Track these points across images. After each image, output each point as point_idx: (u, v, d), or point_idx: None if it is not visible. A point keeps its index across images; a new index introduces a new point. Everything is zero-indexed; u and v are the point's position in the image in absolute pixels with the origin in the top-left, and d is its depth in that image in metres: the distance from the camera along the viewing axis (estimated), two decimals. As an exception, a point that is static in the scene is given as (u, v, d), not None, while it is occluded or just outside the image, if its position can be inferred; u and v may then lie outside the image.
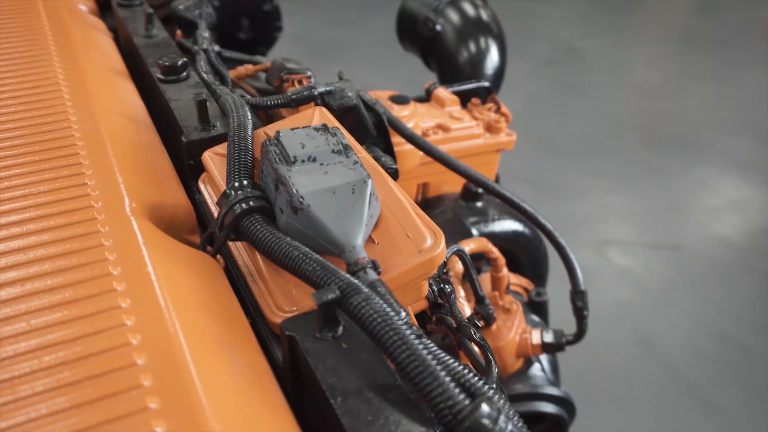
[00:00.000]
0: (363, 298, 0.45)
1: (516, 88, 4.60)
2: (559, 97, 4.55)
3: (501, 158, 2.10)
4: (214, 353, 0.42)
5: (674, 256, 3.38)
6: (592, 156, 4.01)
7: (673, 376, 2.74)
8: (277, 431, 0.40)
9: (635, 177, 3.87)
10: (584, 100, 4.51)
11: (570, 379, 2.70)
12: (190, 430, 0.36)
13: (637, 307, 3.07)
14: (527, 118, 4.27)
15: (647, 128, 4.26)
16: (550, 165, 3.92)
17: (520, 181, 3.80)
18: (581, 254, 3.38)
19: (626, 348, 2.87)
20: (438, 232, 0.56)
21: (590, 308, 3.22)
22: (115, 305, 0.43)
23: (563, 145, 4.09)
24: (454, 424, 0.40)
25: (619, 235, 3.52)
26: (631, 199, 3.72)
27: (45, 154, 0.56)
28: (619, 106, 4.48)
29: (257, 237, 0.51)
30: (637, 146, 4.10)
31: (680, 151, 4.06)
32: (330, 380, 0.43)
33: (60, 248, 0.47)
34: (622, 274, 3.27)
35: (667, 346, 2.88)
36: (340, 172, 0.53)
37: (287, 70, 0.92)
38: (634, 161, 3.97)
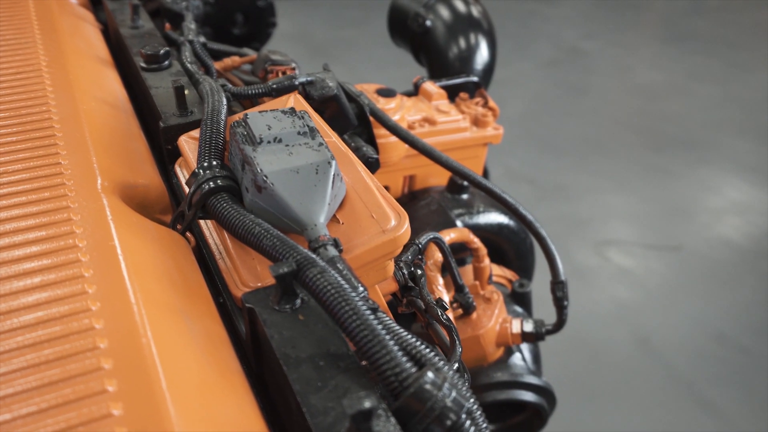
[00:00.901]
0: (318, 270, 0.46)
1: (518, 88, 4.61)
2: (561, 98, 4.55)
3: (501, 157, 2.11)
4: (170, 320, 0.44)
5: (675, 257, 3.38)
6: (594, 156, 4.01)
7: (671, 377, 2.74)
8: (228, 395, 0.42)
9: (637, 178, 3.87)
10: (587, 100, 4.51)
11: (568, 379, 2.71)
12: (142, 390, 0.37)
13: (637, 308, 3.08)
14: (529, 118, 4.28)
15: (650, 129, 4.26)
16: (552, 165, 3.93)
17: (521, 180, 3.81)
18: (581, 254, 3.38)
19: (625, 348, 2.87)
20: (402, 213, 0.57)
21: (589, 308, 3.21)
22: (79, 275, 0.44)
23: (565, 145, 4.09)
24: (400, 391, 0.42)
25: (620, 235, 3.52)
26: (632, 200, 3.72)
27: (23, 135, 0.58)
28: (622, 106, 4.48)
29: (223, 215, 0.53)
30: (640, 147, 4.10)
31: (683, 152, 4.06)
32: (284, 349, 0.45)
33: (30, 222, 0.49)
34: (621, 274, 3.28)
35: (666, 347, 2.88)
36: (305, 153, 0.54)
37: (271, 62, 0.94)
38: (636, 162, 3.97)
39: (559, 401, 2.74)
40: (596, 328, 2.95)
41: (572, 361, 2.77)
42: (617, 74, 4.82)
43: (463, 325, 0.98)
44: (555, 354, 2.74)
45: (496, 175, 3.77)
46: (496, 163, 3.84)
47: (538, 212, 4.02)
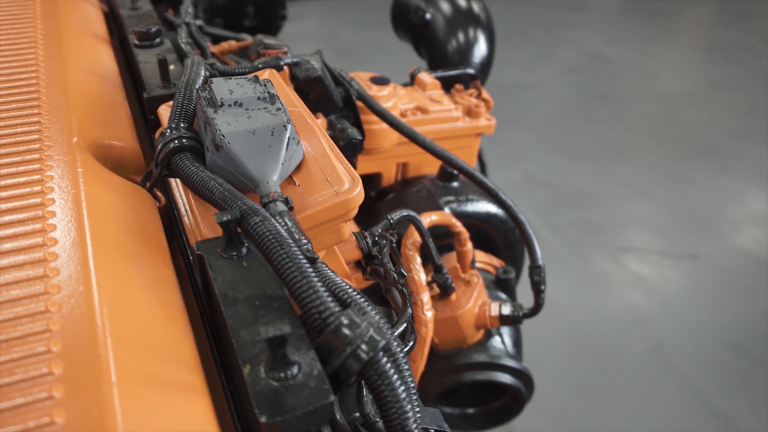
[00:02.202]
0: (260, 219, 0.50)
1: (541, 93, 4.61)
2: (583, 104, 4.54)
3: (521, 162, 2.11)
4: (120, 260, 0.47)
5: (691, 266, 3.35)
6: (614, 163, 4.00)
7: (683, 385, 2.71)
8: (166, 327, 0.45)
9: (657, 185, 3.84)
10: (609, 107, 4.49)
11: (579, 384, 2.71)
12: (81, 312, 0.41)
13: (650, 315, 3.06)
14: (550, 124, 4.27)
15: (672, 137, 4.23)
16: (571, 171, 3.92)
17: (540, 185, 3.81)
18: (597, 260, 3.37)
19: (637, 355, 2.85)
20: (356, 177, 0.61)
21: (603, 314, 3.20)
22: (42, 216, 0.48)
23: (585, 151, 4.08)
24: (323, 328, 0.45)
25: (637, 242, 3.50)
26: (651, 207, 3.69)
27: (10, 96, 0.63)
28: (645, 114, 4.45)
29: (184, 172, 0.57)
30: (661, 155, 4.06)
31: (705, 161, 4.02)
32: (224, 290, 0.48)
33: (6, 170, 0.53)
34: (637, 281, 3.26)
35: (678, 355, 2.86)
36: (262, 116, 0.58)
37: (264, 45, 0.98)
38: (656, 170, 3.94)
39: (570, 406, 2.75)
40: (609, 334, 2.94)
41: (584, 367, 2.76)
42: (641, 82, 4.78)
43: (443, 306, 1.01)
44: (566, 359, 2.75)
45: (514, 180, 3.78)
46: (514, 168, 3.85)
47: (556, 217, 4.02)
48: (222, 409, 0.50)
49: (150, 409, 0.38)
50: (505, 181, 3.80)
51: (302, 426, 0.41)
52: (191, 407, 0.40)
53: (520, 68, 4.94)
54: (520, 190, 3.78)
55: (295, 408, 0.40)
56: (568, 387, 2.67)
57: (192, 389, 0.42)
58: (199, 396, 0.42)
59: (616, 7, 6.28)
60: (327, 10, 5.63)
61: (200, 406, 0.41)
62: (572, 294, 3.15)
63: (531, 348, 2.84)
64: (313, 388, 0.42)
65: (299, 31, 5.18)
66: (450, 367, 1.02)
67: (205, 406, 0.42)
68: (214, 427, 0.41)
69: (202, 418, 0.41)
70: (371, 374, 0.44)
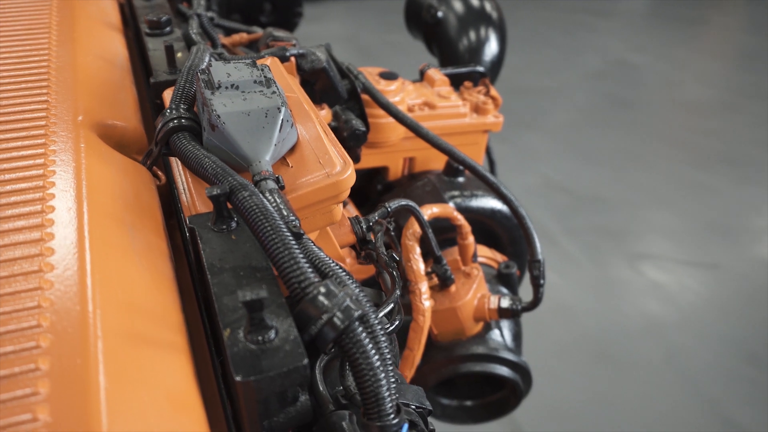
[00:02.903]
0: (249, 193, 0.52)
1: (562, 98, 4.59)
2: (605, 110, 4.52)
3: (539, 166, 2.07)
4: (113, 228, 0.50)
5: (710, 275, 3.32)
6: (634, 169, 3.97)
7: (697, 394, 2.69)
8: (153, 292, 0.48)
9: (677, 193, 3.80)
10: (631, 113, 4.46)
11: (592, 390, 2.69)
12: (74, 278, 0.44)
13: (666, 323, 3.03)
14: (571, 129, 4.26)
15: (695, 144, 4.18)
16: (590, 176, 3.90)
17: (558, 190, 3.80)
18: (614, 266, 3.35)
19: (651, 362, 2.84)
20: (348, 160, 0.63)
21: (617, 320, 3.18)
22: (42, 186, 0.51)
23: (605, 157, 4.06)
24: (302, 297, 0.47)
25: (655, 249, 3.47)
26: (671, 215, 3.66)
27: (22, 77, 0.66)
28: (667, 121, 4.41)
29: (181, 150, 0.59)
30: (683, 162, 4.03)
31: (727, 170, 3.97)
32: (212, 260, 0.51)
33: (10, 143, 0.56)
34: (654, 288, 3.23)
35: (694, 364, 2.83)
36: (258, 99, 0.60)
37: (273, 37, 1.01)
38: (677, 177, 3.91)
39: (581, 411, 2.73)
40: (623, 341, 2.92)
41: (597, 372, 2.75)
42: (665, 89, 4.74)
43: (442, 297, 1.03)
44: (579, 363, 2.74)
45: (532, 184, 3.78)
46: (532, 172, 3.84)
47: (573, 222, 4.00)
48: (209, 379, 0.52)
49: (131, 362, 0.40)
50: (522, 185, 3.80)
51: (276, 386, 0.43)
52: (171, 364, 0.43)
53: (541, 72, 4.93)
54: (537, 194, 3.77)
55: (270, 369, 0.42)
56: (580, 392, 2.66)
57: (173, 348, 0.44)
58: (180, 355, 0.44)
59: (642, 14, 6.24)
60: (349, 11, 5.67)
61: (180, 363, 0.43)
62: (587, 299, 3.14)
63: (544, 351, 2.84)
64: (288, 352, 0.44)
65: (321, 32, 5.23)
66: (448, 357, 1.03)
67: (185, 364, 0.44)
68: (192, 383, 0.43)
69: (181, 374, 0.43)
70: (346, 342, 0.46)
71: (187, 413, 0.41)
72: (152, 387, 0.39)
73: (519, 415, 2.56)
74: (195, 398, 0.43)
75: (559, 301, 3.13)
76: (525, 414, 2.55)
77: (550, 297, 3.12)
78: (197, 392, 0.44)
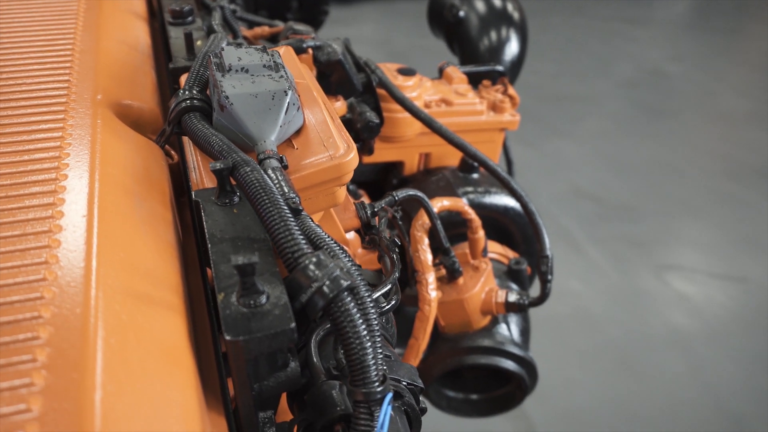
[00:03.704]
0: (250, 168, 0.55)
1: (594, 106, 4.56)
2: (637, 119, 4.47)
3: (568, 174, 2.01)
4: (121, 196, 0.53)
5: (739, 288, 3.26)
6: (665, 180, 3.92)
7: (720, 408, 2.65)
8: (155, 256, 0.50)
9: (708, 204, 3.74)
10: (664, 123, 4.40)
11: (613, 399, 2.67)
12: (79, 237, 0.47)
13: (692, 335, 2.99)
14: (602, 137, 4.22)
15: (729, 156, 4.11)
16: (619, 185, 3.86)
17: (586, 198, 3.77)
18: (640, 276, 3.31)
19: (674, 374, 2.80)
20: (351, 144, 0.65)
21: (641, 330, 3.14)
22: (58, 156, 0.55)
23: (635, 166, 4.02)
24: (294, 266, 0.49)
25: (683, 260, 3.42)
26: (701, 226, 3.61)
27: (47, 59, 0.70)
28: (701, 131, 4.34)
29: (191, 128, 0.62)
30: (716, 174, 3.96)
31: (761, 183, 3.90)
32: (213, 231, 0.53)
33: (34, 118, 0.60)
34: (680, 300, 3.19)
35: (718, 377, 2.78)
36: (266, 82, 0.63)
37: (293, 30, 1.04)
38: (709, 188, 3.85)
39: (601, 420, 2.70)
40: (646, 351, 2.89)
41: (618, 382, 2.73)
42: (700, 99, 4.67)
43: (450, 289, 1.04)
44: (601, 372, 2.72)
45: (560, 191, 3.76)
46: (561, 179, 3.82)
47: (600, 231, 3.97)
48: (208, 347, 0.55)
49: (128, 315, 0.43)
50: (550, 192, 3.78)
51: (264, 347, 0.45)
52: (166, 321, 0.45)
53: (574, 80, 4.90)
54: (565, 201, 3.75)
55: (258, 330, 0.45)
56: (600, 400, 2.64)
57: (170, 307, 0.47)
58: (176, 314, 0.47)
59: (680, 23, 6.16)
60: (384, 15, 5.71)
61: (175, 321, 0.46)
62: (611, 308, 3.11)
63: (565, 358, 2.82)
64: (277, 316, 0.46)
65: (354, 34, 5.27)
66: (454, 349, 1.04)
67: (180, 322, 0.46)
68: (185, 340, 0.46)
69: (175, 331, 0.45)
70: (335, 311, 0.48)
71: (178, 366, 0.43)
72: (146, 338, 0.42)
73: (536, 421, 2.55)
74: (187, 355, 0.45)
75: (582, 308, 3.11)
76: (542, 418, 2.54)
77: (574, 305, 3.10)
78: (190, 350, 0.46)
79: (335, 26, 5.35)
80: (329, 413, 0.52)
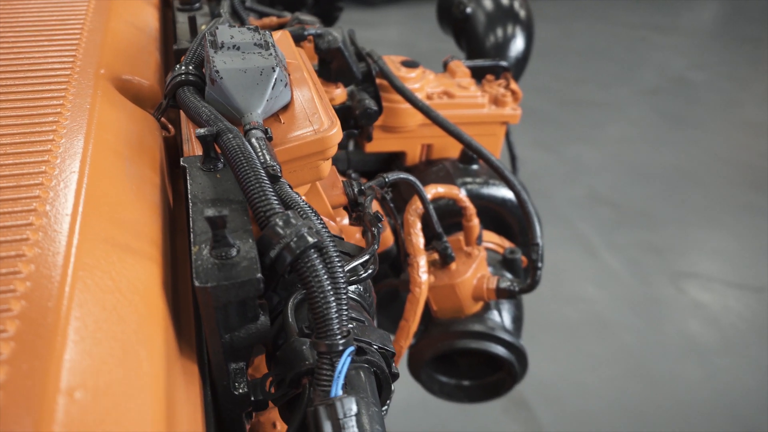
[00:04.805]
0: (233, 135, 0.58)
1: (616, 112, 4.54)
2: (659, 126, 4.44)
3: (587, 179, 1.94)
4: (112, 157, 0.57)
5: (756, 298, 3.23)
6: (685, 187, 3.89)
7: (734, 418, 2.63)
8: (139, 211, 0.54)
9: (728, 213, 3.71)
10: (686, 131, 4.37)
11: (624, 405, 2.66)
12: (69, 188, 0.51)
13: (707, 344, 2.97)
14: (622, 143, 4.20)
15: (751, 166, 4.07)
16: (637, 191, 3.84)
17: (603, 203, 3.76)
18: (655, 283, 3.29)
19: (687, 382, 2.78)
20: (335, 119, 0.69)
21: (655, 338, 3.13)
22: (56, 120, 0.59)
23: (655, 173, 3.99)
24: (265, 224, 0.53)
25: (700, 269, 3.39)
26: (720, 235, 3.57)
27: (57, 37, 0.75)
28: (724, 140, 4.30)
29: (183, 101, 0.66)
30: (736, 183, 3.92)
31: (784, 193, 3.85)
32: (195, 192, 0.57)
33: (38, 87, 0.64)
34: (695, 307, 3.17)
35: (731, 387, 2.76)
36: (255, 59, 0.67)
37: (299, 20, 1.08)
38: (729, 197, 3.81)
39: (612, 426, 2.69)
40: (660, 359, 2.87)
41: (630, 388, 2.72)
42: (724, 108, 4.63)
43: (442, 274, 1.07)
44: (613, 378, 2.71)
45: (577, 195, 3.75)
46: (579, 184, 3.82)
47: (617, 237, 3.96)
48: (188, 307, 0.59)
49: (104, 259, 0.46)
50: (568, 197, 3.77)
51: (231, 296, 0.49)
52: (143, 269, 0.49)
53: (596, 86, 4.89)
54: (582, 206, 3.74)
55: (226, 279, 0.48)
56: (611, 405, 2.63)
57: (148, 258, 0.51)
58: (153, 264, 0.51)
59: (706, 31, 6.10)
60: (408, 18, 5.76)
61: (152, 270, 0.50)
62: (626, 314, 3.10)
63: (577, 363, 2.82)
64: (245, 267, 0.49)
65: (378, 38, 5.33)
66: (445, 333, 1.07)
67: (156, 271, 0.50)
68: (159, 288, 0.49)
69: (150, 278, 0.49)
70: (301, 266, 0.51)
71: (150, 310, 0.47)
72: (121, 281, 0.46)
73: (545, 422, 2.55)
74: (161, 301, 0.49)
75: (596, 314, 3.11)
76: (551, 421, 2.54)
77: (588, 310, 3.10)
78: (164, 297, 0.50)
79: (360, 29, 5.39)
80: (297, 367, 0.55)
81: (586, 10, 6.19)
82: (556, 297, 3.15)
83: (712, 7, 6.73)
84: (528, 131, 4.28)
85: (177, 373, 0.49)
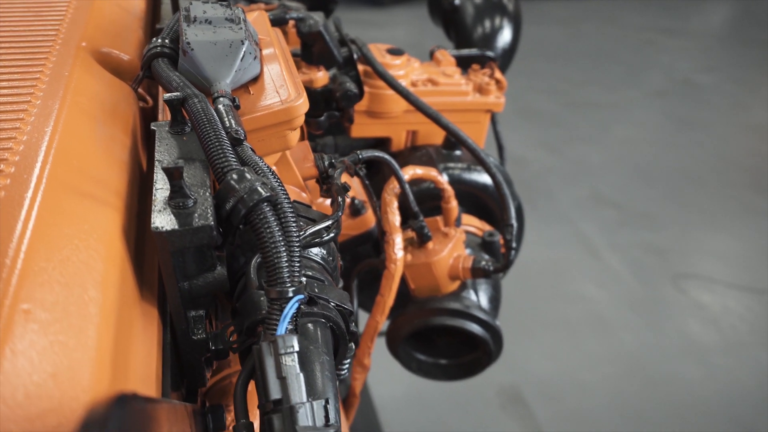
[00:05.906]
0: (199, 100, 0.62)
1: (622, 114, 4.55)
2: (665, 128, 4.44)
3: (590, 180, 1.93)
4: (84, 119, 0.61)
5: (757, 300, 3.23)
6: (689, 189, 3.89)
7: (733, 418, 2.63)
8: (105, 166, 0.58)
9: (732, 216, 3.71)
10: (692, 133, 4.37)
11: (623, 405, 2.67)
12: (39, 142, 0.55)
13: (707, 345, 2.97)
14: (627, 145, 4.22)
15: (757, 169, 4.06)
16: (641, 193, 3.85)
17: (606, 204, 3.77)
18: (657, 283, 3.30)
19: (686, 382, 2.79)
20: (302, 90, 0.72)
21: (655, 338, 3.14)
22: (35, 85, 0.63)
23: (659, 175, 4.00)
24: (222, 179, 0.56)
25: (701, 270, 3.40)
26: (723, 237, 3.57)
27: (44, 13, 0.79)
28: (730, 143, 4.30)
29: (157, 71, 0.70)
30: (741, 186, 3.92)
31: (788, 196, 3.84)
32: (161, 152, 0.61)
33: (20, 56, 0.68)
34: (695, 308, 3.17)
35: (730, 388, 2.77)
36: (226, 33, 0.71)
37: (285, 6, 1.12)
38: (734, 200, 3.81)
39: (611, 425, 2.72)
40: (660, 359, 2.88)
41: (629, 388, 2.73)
42: (731, 111, 4.62)
43: (419, 252, 1.10)
44: (612, 377, 2.73)
45: (580, 196, 3.77)
46: (583, 184, 3.83)
47: (619, 237, 3.97)
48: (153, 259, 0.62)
49: (67, 204, 0.50)
50: (571, 197, 3.79)
51: (186, 241, 0.52)
52: (104, 217, 0.53)
53: (603, 88, 4.90)
54: (585, 207, 3.76)
55: (181, 225, 0.52)
56: (610, 404, 2.65)
57: (111, 207, 0.54)
58: (116, 212, 0.54)
59: (715, 34, 6.09)
60: (416, 18, 5.80)
61: (114, 218, 0.54)
62: (626, 314, 3.11)
63: (576, 362, 2.83)
64: (200, 215, 0.53)
65: (385, 38, 5.37)
66: (422, 310, 1.10)
67: (117, 219, 0.54)
68: (119, 234, 0.53)
69: (111, 225, 0.53)
70: (254, 218, 0.55)
71: (108, 253, 0.50)
72: (81, 225, 0.50)
73: (543, 421, 2.56)
74: (120, 247, 0.53)
75: (597, 313, 3.12)
76: (549, 419, 2.56)
77: (589, 309, 3.11)
78: (123, 244, 0.54)
79: (368, 29, 5.45)
80: (253, 315, 0.59)
81: (593, 12, 6.21)
82: (557, 296, 3.17)
83: (721, 10, 6.72)
84: (534, 132, 4.31)
85: (135, 315, 0.52)
